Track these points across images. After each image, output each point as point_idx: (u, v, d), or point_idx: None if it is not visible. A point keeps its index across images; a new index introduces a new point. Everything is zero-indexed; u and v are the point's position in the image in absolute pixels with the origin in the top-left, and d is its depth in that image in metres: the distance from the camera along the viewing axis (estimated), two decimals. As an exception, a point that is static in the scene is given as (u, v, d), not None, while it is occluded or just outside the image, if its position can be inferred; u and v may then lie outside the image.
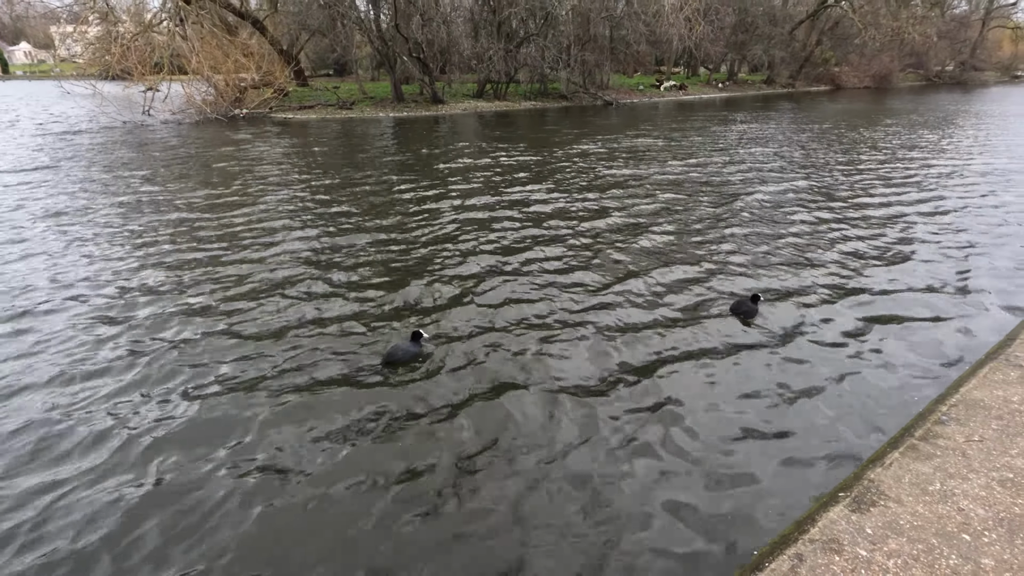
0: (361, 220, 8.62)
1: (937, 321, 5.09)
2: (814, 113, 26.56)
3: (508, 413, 3.84)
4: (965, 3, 60.14)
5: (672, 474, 3.24)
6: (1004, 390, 3.39)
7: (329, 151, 15.47)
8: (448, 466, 3.35)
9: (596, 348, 4.70)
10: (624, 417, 3.77)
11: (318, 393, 4.09)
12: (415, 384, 4.21)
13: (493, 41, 27.91)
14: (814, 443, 3.45)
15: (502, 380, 4.25)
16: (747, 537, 2.73)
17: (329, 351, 4.67)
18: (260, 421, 3.77)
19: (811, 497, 2.94)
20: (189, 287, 6.00)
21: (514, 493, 3.13)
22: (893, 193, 10.21)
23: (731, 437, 3.54)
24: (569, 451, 3.45)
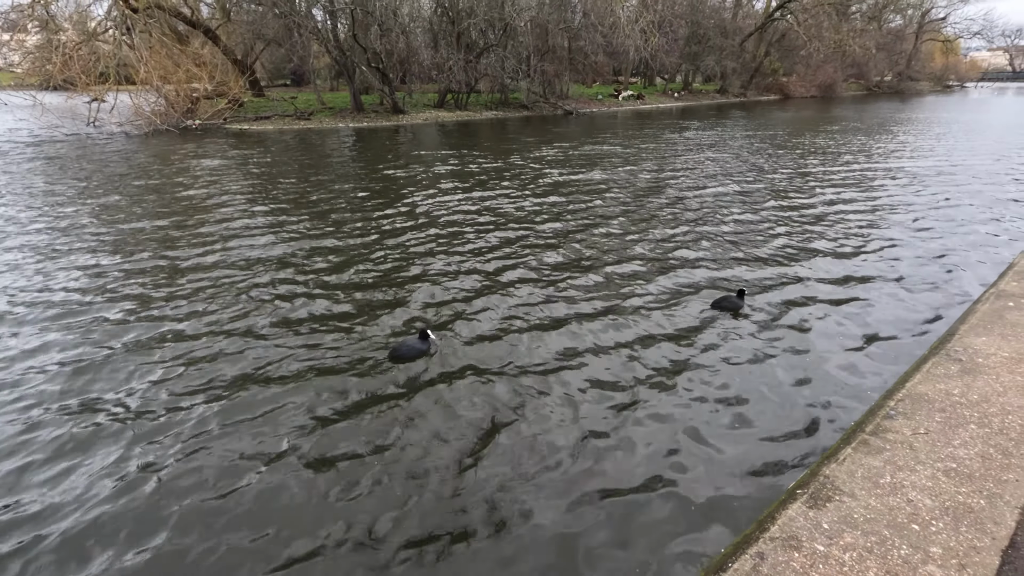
0: (323, 229, 8.45)
1: (878, 312, 5.33)
2: (764, 121, 27.60)
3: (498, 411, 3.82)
4: (900, 18, 63.72)
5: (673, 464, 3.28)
6: (945, 384, 3.56)
7: (287, 162, 15.15)
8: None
9: (559, 337, 4.73)
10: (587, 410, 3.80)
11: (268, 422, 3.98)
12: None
13: (453, 51, 27.97)
14: (772, 441, 3.56)
15: (494, 380, 4.23)
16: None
17: (299, 360, 4.55)
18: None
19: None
20: (127, 306, 5.75)
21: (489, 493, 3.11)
22: (834, 192, 10.72)
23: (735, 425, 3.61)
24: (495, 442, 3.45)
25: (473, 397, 4.13)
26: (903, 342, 4.83)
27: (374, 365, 4.56)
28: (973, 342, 4.09)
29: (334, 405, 4.02)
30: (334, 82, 39.59)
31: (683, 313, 5.52)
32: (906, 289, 6.07)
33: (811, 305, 5.66)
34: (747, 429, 3.72)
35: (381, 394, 4.18)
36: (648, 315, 5.48)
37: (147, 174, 13.24)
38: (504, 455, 3.50)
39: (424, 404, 4.04)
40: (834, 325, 5.21)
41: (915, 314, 5.40)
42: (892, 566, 2.27)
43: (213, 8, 31.96)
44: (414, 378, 4.38)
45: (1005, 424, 3.13)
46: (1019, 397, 3.37)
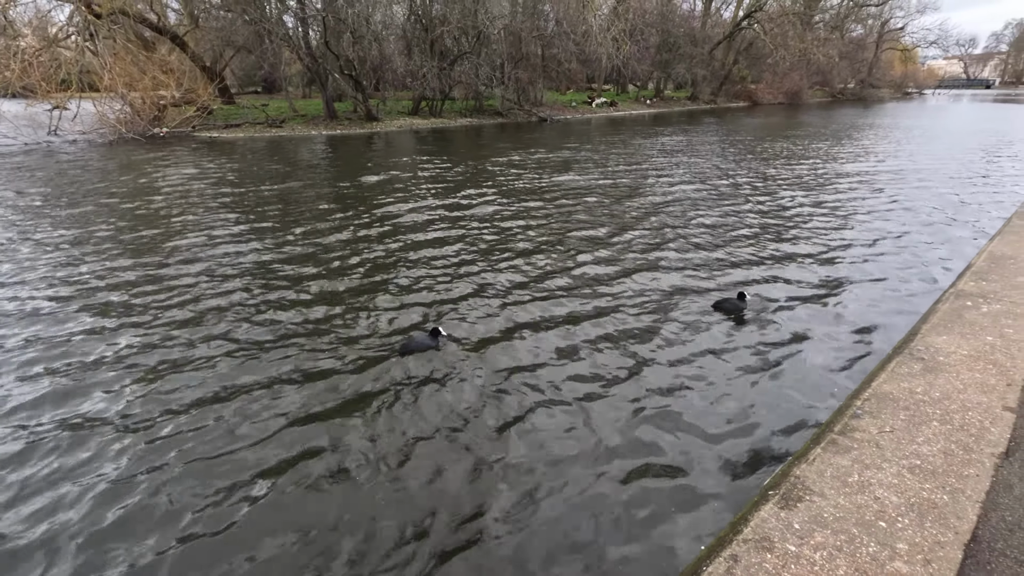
0: (297, 235, 8.32)
1: (845, 312, 5.46)
2: (734, 127, 28.21)
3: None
4: (861, 27, 65.95)
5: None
6: (909, 382, 3.66)
7: (259, 170, 14.89)
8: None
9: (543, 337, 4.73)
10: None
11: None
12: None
13: (427, 59, 27.94)
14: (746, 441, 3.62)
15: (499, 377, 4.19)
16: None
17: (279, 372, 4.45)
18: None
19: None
20: (92, 322, 5.57)
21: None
22: (804, 195, 10.96)
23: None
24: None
25: (476, 395, 4.20)
26: (870, 341, 4.97)
27: (365, 365, 4.50)
28: (934, 341, 4.22)
29: (334, 405, 3.96)
30: (306, 89, 39.15)
31: (658, 312, 5.58)
32: (871, 288, 6.24)
33: (781, 304, 5.77)
34: (719, 430, 3.77)
35: (386, 389, 4.15)
36: (623, 315, 5.53)
37: (111, 183, 12.88)
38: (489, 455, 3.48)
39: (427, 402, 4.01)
40: (802, 324, 5.32)
41: (880, 313, 5.55)
42: (861, 564, 2.31)
43: (180, 14, 31.39)
44: (410, 376, 4.33)
45: (965, 420, 3.23)
46: (978, 394, 3.48)
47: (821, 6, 58.10)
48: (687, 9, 51.09)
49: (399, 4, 30.08)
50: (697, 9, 52.59)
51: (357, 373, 4.53)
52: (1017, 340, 4.15)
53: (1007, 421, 3.21)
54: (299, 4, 24.53)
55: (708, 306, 5.73)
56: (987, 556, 2.32)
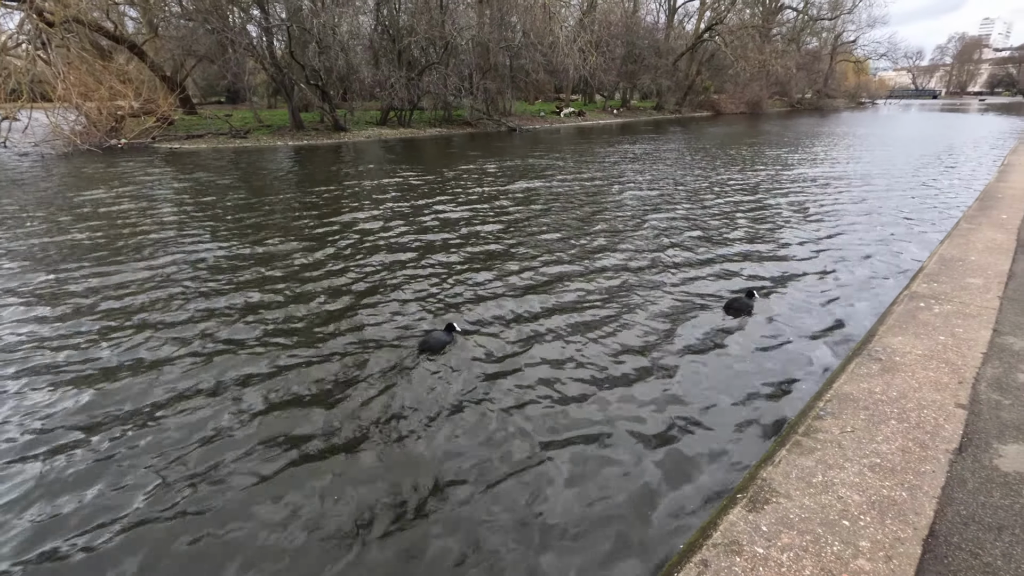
0: (266, 246, 8.14)
1: (806, 314, 5.63)
2: (698, 135, 28.92)
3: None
4: (816, 40, 68.66)
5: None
6: (868, 383, 3.78)
7: (222, 182, 14.55)
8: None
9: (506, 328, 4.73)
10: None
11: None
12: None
13: (394, 69, 27.87)
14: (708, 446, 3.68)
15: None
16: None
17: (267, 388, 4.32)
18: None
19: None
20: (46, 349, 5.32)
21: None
22: (768, 199, 11.30)
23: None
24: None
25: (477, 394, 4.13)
26: (831, 342, 5.13)
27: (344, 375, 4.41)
28: (891, 342, 4.37)
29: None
30: (272, 99, 38.61)
31: (618, 313, 5.64)
32: (832, 291, 6.44)
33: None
34: (688, 436, 3.82)
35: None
36: (589, 319, 5.57)
37: (64, 195, 12.40)
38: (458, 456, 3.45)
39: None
40: (764, 327, 5.45)
41: (840, 315, 5.74)
42: (826, 563, 2.36)
43: (139, 23, 30.63)
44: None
45: (921, 418, 3.35)
46: (932, 392, 3.61)
47: (778, 20, 60.38)
48: (651, 21, 52.41)
49: (365, 14, 29.98)
50: (661, 21, 53.97)
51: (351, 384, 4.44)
52: (967, 339, 4.33)
53: (959, 418, 3.33)
54: (263, 14, 24.20)
55: (668, 302, 5.84)
56: (944, 550, 2.40)
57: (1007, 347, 4.15)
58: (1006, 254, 6.49)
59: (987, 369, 3.86)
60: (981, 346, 4.19)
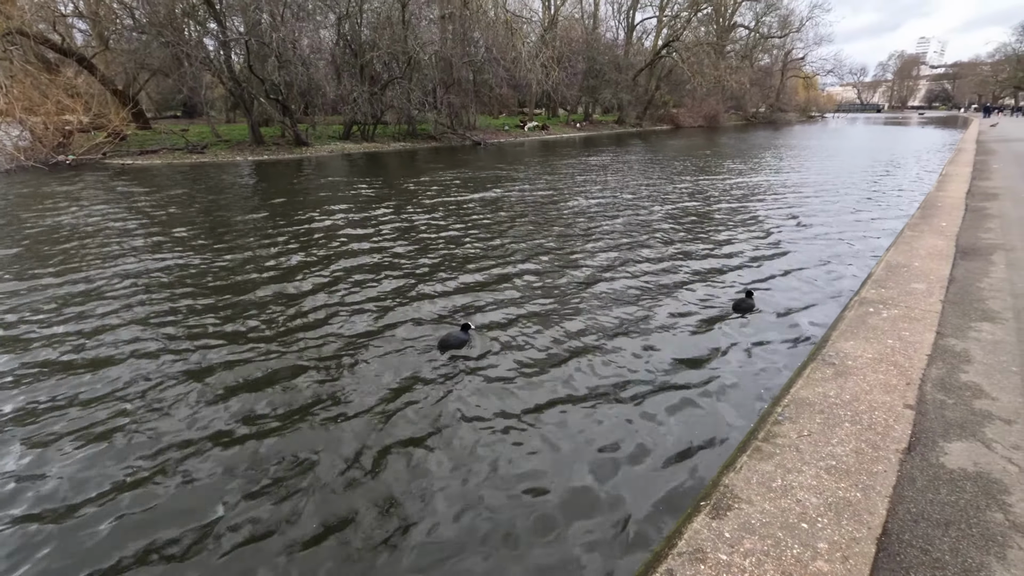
0: (222, 263, 7.90)
1: (761, 322, 5.80)
2: (659, 148, 29.67)
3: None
4: (767, 57, 71.69)
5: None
6: (823, 387, 3.90)
7: (177, 199, 14.10)
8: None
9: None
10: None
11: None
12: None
13: (357, 83, 27.72)
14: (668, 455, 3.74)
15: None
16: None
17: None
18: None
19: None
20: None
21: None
22: (726, 205, 11.65)
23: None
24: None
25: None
26: (788, 348, 5.29)
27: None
28: (843, 346, 4.54)
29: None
30: (231, 113, 37.82)
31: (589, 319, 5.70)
32: (788, 299, 6.66)
33: (699, 315, 6.04)
34: (654, 446, 3.86)
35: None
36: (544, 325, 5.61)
37: (4, 213, 11.80)
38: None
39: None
40: (721, 335, 5.58)
41: (797, 322, 5.93)
42: (786, 566, 2.41)
43: (88, 35, 29.65)
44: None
45: (873, 420, 3.47)
46: (882, 394, 3.76)
47: (731, 37, 62.84)
48: (611, 38, 53.73)
49: (327, 29, 29.79)
50: (620, 38, 55.39)
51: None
52: (913, 342, 4.52)
53: (908, 418, 3.47)
54: (220, 27, 23.77)
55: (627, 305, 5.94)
56: (896, 548, 2.48)
57: (949, 348, 4.36)
58: (946, 260, 6.83)
59: (932, 370, 4.04)
60: (926, 348, 4.38)
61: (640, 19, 58.26)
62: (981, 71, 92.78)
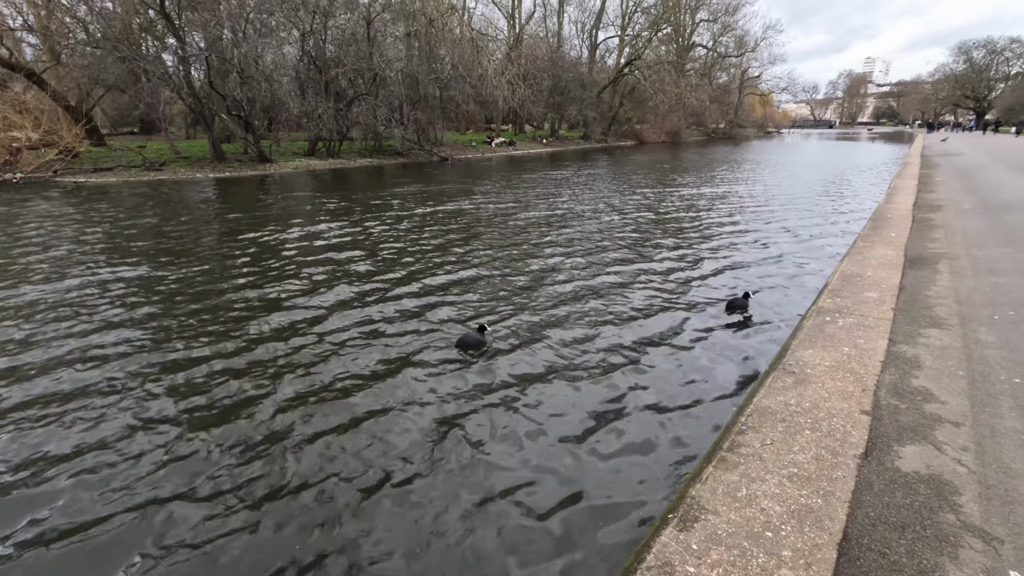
0: (180, 283, 7.64)
1: (726, 332, 5.93)
2: (624, 162, 30.28)
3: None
4: (725, 75, 74.38)
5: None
6: (784, 396, 4.00)
7: (131, 218, 13.63)
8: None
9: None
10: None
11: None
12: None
13: (322, 100, 27.50)
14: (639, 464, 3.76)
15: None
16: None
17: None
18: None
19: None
20: None
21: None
22: (690, 215, 11.93)
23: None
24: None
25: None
26: (749, 358, 5.41)
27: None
28: (803, 355, 4.67)
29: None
30: (191, 130, 36.97)
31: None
32: (750, 308, 6.83)
33: (665, 328, 6.14)
34: (622, 460, 3.88)
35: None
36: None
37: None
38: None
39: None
40: (687, 348, 5.68)
41: (760, 331, 6.08)
42: (752, 575, 2.44)
43: (39, 50, 28.68)
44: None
45: (832, 427, 3.57)
46: (840, 401, 3.87)
47: (691, 56, 64.98)
48: (575, 56, 54.86)
49: (291, 45, 29.54)
50: (584, 56, 56.62)
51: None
52: (868, 349, 4.69)
53: (864, 424, 3.59)
54: (179, 43, 23.31)
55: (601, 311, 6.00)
56: (856, 552, 2.54)
57: (901, 355, 4.53)
58: (897, 269, 7.14)
59: (886, 376, 4.19)
60: (879, 355, 4.55)
61: (603, 38, 59.87)
62: (923, 89, 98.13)
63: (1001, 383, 3.97)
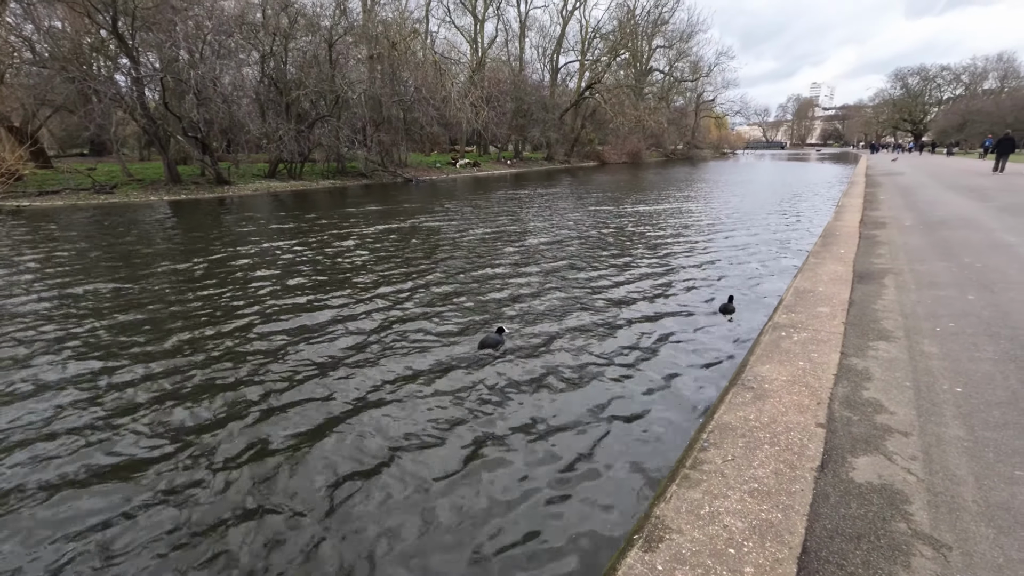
0: (127, 311, 7.31)
1: (684, 350, 6.04)
2: (587, 182, 30.83)
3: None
4: (682, 99, 77.17)
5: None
6: (743, 411, 4.08)
7: (78, 244, 13.06)
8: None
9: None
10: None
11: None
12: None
13: (283, 121, 27.18)
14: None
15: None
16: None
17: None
18: None
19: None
20: None
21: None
22: (652, 237, 12.19)
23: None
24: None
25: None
26: (712, 375, 5.52)
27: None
28: (761, 370, 4.79)
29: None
30: (145, 151, 35.88)
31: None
32: (706, 324, 6.98)
33: (620, 344, 6.22)
34: (591, 482, 3.88)
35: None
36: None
37: None
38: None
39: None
40: (644, 364, 5.75)
41: (719, 348, 6.21)
42: (717, 594, 2.45)
43: (-21, 69, 27.46)
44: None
45: (789, 440, 3.66)
46: (797, 415, 3.98)
47: (649, 80, 67.21)
48: (537, 80, 56.02)
49: (250, 66, 29.19)
50: (545, 80, 57.85)
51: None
52: (821, 363, 4.85)
53: (820, 436, 3.68)
54: (132, 63, 22.74)
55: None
56: (815, 565, 2.59)
57: (852, 367, 4.70)
58: (846, 284, 7.44)
59: (839, 389, 4.33)
60: (832, 368, 4.71)
61: (564, 62, 61.37)
62: (865, 113, 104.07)
63: (944, 392, 4.16)
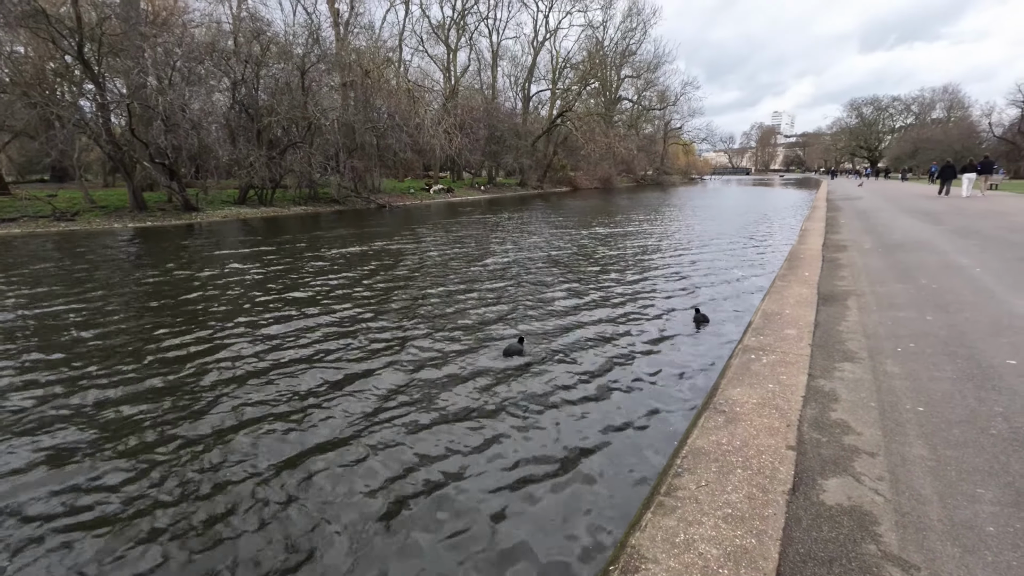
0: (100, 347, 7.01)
1: (654, 372, 6.08)
2: (560, 208, 31.26)
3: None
4: (650, 126, 79.56)
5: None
6: (716, 435, 4.11)
7: (31, 275, 12.58)
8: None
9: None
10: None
11: None
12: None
13: (253, 147, 26.95)
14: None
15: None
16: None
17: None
18: None
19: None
20: None
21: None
22: (620, 260, 12.35)
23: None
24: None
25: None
26: (684, 398, 5.56)
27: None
28: (732, 394, 4.84)
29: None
30: (109, 178, 35.01)
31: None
32: (678, 348, 7.06)
33: (597, 367, 6.24)
34: (566, 508, 3.83)
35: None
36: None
37: None
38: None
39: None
40: (615, 387, 5.77)
41: (690, 371, 6.28)
42: (693, 625, 2.42)
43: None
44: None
45: (761, 464, 3.68)
46: (767, 437, 4.02)
47: (618, 108, 69.14)
48: (509, 107, 57.06)
49: (221, 93, 29.01)
50: (518, 108, 58.99)
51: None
52: (790, 385, 4.93)
53: (791, 459, 3.72)
54: (98, 89, 22.36)
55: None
56: (790, 591, 2.58)
57: (820, 389, 4.79)
58: (811, 306, 7.63)
59: (807, 411, 4.40)
60: (800, 390, 4.79)
61: (535, 91, 62.78)
62: (824, 140, 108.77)
63: (907, 412, 4.26)
